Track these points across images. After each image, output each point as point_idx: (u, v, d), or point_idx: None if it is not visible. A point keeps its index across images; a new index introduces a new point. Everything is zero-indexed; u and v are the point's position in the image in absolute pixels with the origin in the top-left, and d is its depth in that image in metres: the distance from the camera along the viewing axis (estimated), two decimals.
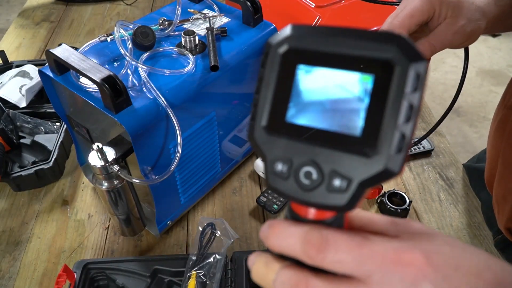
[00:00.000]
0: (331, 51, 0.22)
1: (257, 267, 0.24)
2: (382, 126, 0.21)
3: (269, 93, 0.24)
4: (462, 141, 2.24)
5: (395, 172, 0.21)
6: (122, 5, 1.47)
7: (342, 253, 0.22)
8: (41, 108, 0.95)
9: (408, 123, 0.21)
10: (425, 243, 0.22)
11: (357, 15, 0.96)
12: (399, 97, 0.21)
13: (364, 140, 0.21)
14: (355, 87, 0.22)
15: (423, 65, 0.21)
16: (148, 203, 0.77)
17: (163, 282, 0.65)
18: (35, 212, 0.80)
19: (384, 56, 0.21)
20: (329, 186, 0.22)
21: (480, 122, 2.35)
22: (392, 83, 0.21)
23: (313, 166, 0.22)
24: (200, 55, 0.66)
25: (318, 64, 0.23)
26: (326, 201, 0.22)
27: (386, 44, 0.21)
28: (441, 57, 2.82)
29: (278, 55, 0.24)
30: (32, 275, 0.70)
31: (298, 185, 0.23)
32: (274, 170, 0.24)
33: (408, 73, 0.21)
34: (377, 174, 0.21)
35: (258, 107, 0.24)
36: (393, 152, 0.21)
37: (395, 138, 0.21)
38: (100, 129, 0.68)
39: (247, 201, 0.81)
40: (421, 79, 0.21)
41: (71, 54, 0.57)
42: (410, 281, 0.21)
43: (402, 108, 0.21)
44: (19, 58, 1.21)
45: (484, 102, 2.49)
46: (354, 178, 0.21)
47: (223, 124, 0.73)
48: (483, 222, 0.78)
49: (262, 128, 0.24)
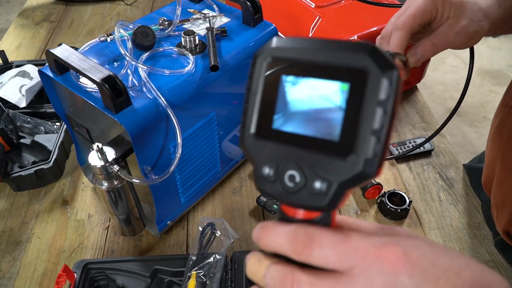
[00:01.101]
0: (311, 61, 0.24)
1: (251, 263, 0.27)
2: (358, 131, 0.22)
3: (256, 102, 0.26)
4: (462, 141, 2.24)
5: (372, 174, 0.22)
6: (122, 5, 1.47)
7: (326, 248, 0.23)
8: (41, 108, 0.95)
9: (382, 128, 0.22)
10: (405, 240, 0.24)
11: (357, 15, 0.96)
12: (373, 103, 0.22)
13: (342, 144, 0.23)
14: (333, 95, 0.23)
15: (395, 73, 0.22)
16: (148, 203, 0.77)
17: (163, 282, 0.65)
18: (35, 212, 0.80)
19: (358, 65, 0.22)
20: (311, 188, 0.24)
21: (480, 122, 2.35)
22: (366, 91, 0.22)
23: (297, 170, 0.24)
24: (200, 55, 0.66)
25: (300, 75, 0.24)
26: (309, 203, 0.24)
27: (360, 54, 0.22)
28: (441, 57, 2.82)
29: (263, 66, 0.25)
30: (32, 275, 0.70)
31: (283, 188, 0.25)
32: (262, 174, 0.25)
33: (381, 81, 0.22)
34: (354, 176, 0.22)
35: (247, 115, 0.26)
36: (370, 155, 0.22)
37: (370, 142, 0.22)
38: (100, 129, 0.68)
39: (247, 201, 0.81)
40: (393, 86, 0.22)
41: (71, 54, 0.57)
42: (389, 273, 0.22)
43: (377, 114, 0.22)
44: (19, 58, 1.21)
45: (484, 102, 2.49)
46: (333, 180, 0.23)
47: (223, 124, 0.73)
48: (483, 222, 0.78)
49: (251, 135, 0.26)
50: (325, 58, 0.23)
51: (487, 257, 0.72)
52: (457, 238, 0.75)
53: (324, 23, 0.94)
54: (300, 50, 0.24)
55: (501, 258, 0.72)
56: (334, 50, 0.23)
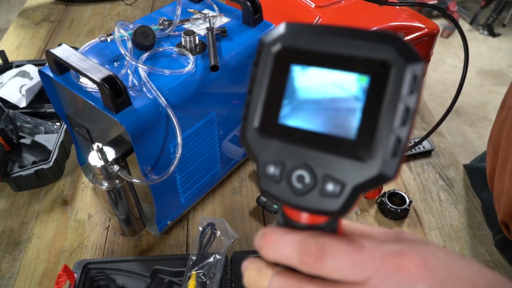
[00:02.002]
0: (325, 51, 0.22)
1: (250, 273, 0.24)
2: (377, 130, 0.20)
3: (261, 93, 0.23)
4: (462, 141, 2.24)
5: (390, 177, 0.20)
6: (122, 5, 1.47)
7: (340, 260, 0.21)
8: (41, 108, 0.95)
9: (404, 127, 0.20)
10: (422, 247, 0.22)
11: (357, 15, 0.96)
12: (395, 99, 0.20)
13: (359, 144, 0.21)
14: (350, 89, 0.21)
15: (420, 67, 0.20)
16: (148, 203, 0.77)
17: (163, 282, 0.65)
18: (35, 212, 0.80)
19: (380, 56, 0.20)
20: (322, 190, 0.21)
21: (480, 122, 2.35)
22: (388, 85, 0.20)
23: (306, 170, 0.22)
24: (200, 55, 0.66)
25: (312, 64, 0.22)
26: (319, 206, 0.21)
27: (382, 44, 0.20)
28: (441, 57, 2.82)
29: (271, 54, 0.23)
30: (32, 275, 0.70)
31: (291, 189, 0.22)
32: (266, 173, 0.23)
33: (404, 74, 0.20)
34: (371, 179, 0.20)
35: (250, 107, 0.23)
36: (388, 156, 0.20)
37: (390, 142, 0.20)
38: (100, 129, 0.68)
39: (247, 201, 0.81)
40: (418, 81, 0.20)
41: (71, 54, 0.57)
42: (407, 283, 0.21)
43: (398, 111, 0.20)
44: (19, 58, 1.21)
45: (484, 102, 2.49)
46: (347, 182, 0.21)
47: (223, 124, 0.73)
48: (483, 222, 0.78)
49: (254, 129, 0.23)
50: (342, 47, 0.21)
51: (487, 257, 0.72)
52: (457, 238, 0.75)
53: (324, 23, 0.94)
54: (313, 38, 0.22)
55: (501, 258, 0.72)
56: (353, 39, 0.21)
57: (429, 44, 0.97)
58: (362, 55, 0.21)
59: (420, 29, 0.93)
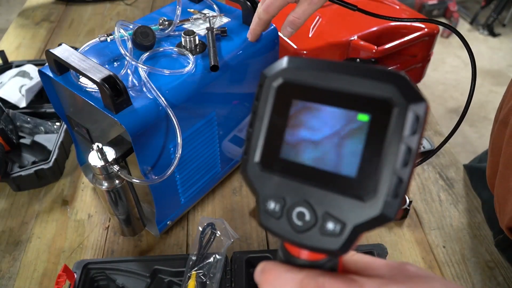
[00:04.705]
0: (327, 87, 0.21)
1: None
2: (379, 170, 0.20)
3: (263, 127, 0.23)
4: (462, 141, 2.24)
5: (391, 218, 0.20)
6: (122, 5, 1.47)
7: None
8: (41, 108, 0.95)
9: (405, 168, 0.20)
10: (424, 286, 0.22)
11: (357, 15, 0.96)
12: (397, 140, 0.20)
13: (359, 183, 0.20)
14: (351, 126, 0.21)
15: (423, 107, 0.20)
16: (148, 203, 0.77)
17: (163, 282, 0.65)
18: (35, 212, 0.80)
19: (382, 95, 0.20)
20: (322, 228, 0.21)
21: (480, 122, 2.35)
22: (390, 125, 0.20)
23: (306, 207, 0.22)
24: (200, 55, 0.66)
25: (313, 100, 0.22)
26: (319, 244, 0.21)
27: (385, 83, 0.20)
28: (441, 57, 2.82)
29: (272, 88, 0.23)
30: (32, 275, 0.70)
31: (291, 225, 0.22)
32: (266, 209, 0.23)
33: (407, 114, 0.20)
34: (372, 219, 0.20)
35: (252, 141, 0.23)
36: (390, 197, 0.20)
37: (392, 183, 0.20)
38: (100, 129, 0.68)
39: (247, 201, 0.81)
40: (420, 121, 0.20)
41: (71, 54, 0.57)
42: None
43: (400, 152, 0.20)
44: (19, 58, 1.21)
45: (484, 102, 2.49)
46: (348, 222, 0.21)
47: (223, 124, 0.73)
48: (483, 222, 0.78)
49: (255, 163, 0.23)
50: (344, 84, 0.21)
51: (487, 257, 0.72)
52: (457, 238, 0.75)
53: (324, 23, 0.94)
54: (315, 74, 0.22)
55: (501, 258, 0.72)
56: (355, 76, 0.21)
57: (429, 44, 0.97)
58: (364, 93, 0.20)
59: (420, 29, 0.93)
